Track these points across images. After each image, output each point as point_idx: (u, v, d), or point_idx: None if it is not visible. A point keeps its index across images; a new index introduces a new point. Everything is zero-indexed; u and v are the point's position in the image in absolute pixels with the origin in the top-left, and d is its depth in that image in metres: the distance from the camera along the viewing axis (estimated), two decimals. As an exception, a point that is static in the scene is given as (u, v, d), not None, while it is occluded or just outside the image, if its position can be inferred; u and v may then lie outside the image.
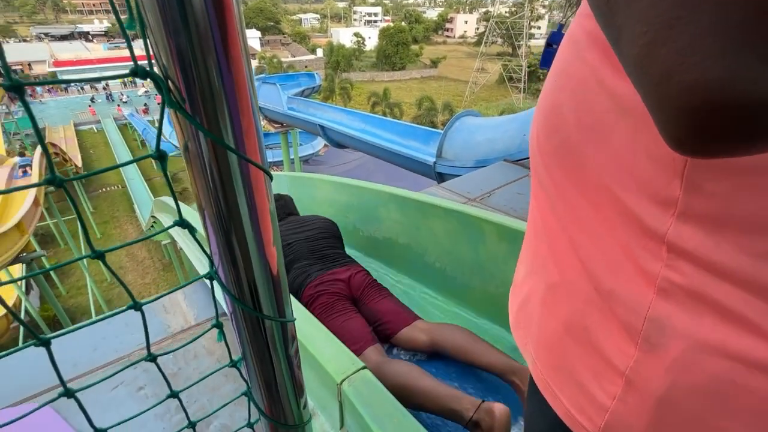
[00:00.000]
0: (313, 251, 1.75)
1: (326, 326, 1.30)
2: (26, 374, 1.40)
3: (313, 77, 13.56)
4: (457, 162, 3.78)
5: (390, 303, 1.58)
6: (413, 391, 1.14)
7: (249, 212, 0.34)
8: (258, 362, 0.44)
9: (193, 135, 0.31)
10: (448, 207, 1.75)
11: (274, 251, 0.38)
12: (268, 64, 32.30)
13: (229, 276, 0.38)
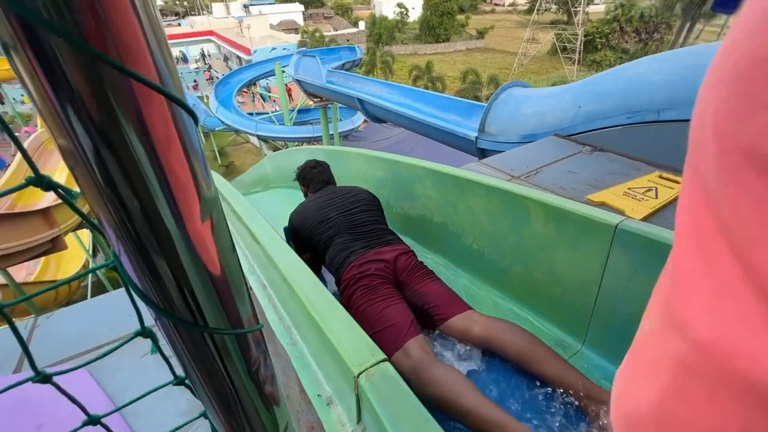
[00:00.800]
0: (354, 225, 1.61)
1: (367, 312, 1.32)
2: (68, 336, 1.46)
3: (354, 51, 13.30)
4: (500, 137, 3.51)
5: (440, 287, 1.44)
6: (453, 407, 1.01)
7: (158, 172, 0.23)
8: (207, 383, 0.34)
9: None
10: (488, 184, 1.59)
11: (213, 236, 0.27)
12: (311, 39, 32.16)
13: (141, 271, 0.26)
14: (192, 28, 42.16)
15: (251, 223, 1.53)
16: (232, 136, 22.02)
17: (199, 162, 0.24)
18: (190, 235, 0.25)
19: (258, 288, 1.44)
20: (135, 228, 0.24)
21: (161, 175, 0.23)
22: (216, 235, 0.27)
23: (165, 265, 0.26)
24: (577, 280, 1.32)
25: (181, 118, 0.23)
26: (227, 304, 0.30)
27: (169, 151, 0.22)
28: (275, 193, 4.72)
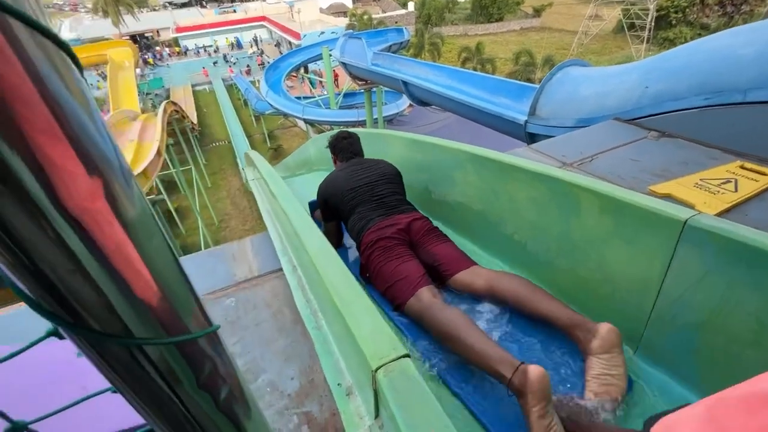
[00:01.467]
0: (376, 196, 1.76)
1: (383, 270, 1.48)
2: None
3: (401, 32, 13.01)
4: (553, 120, 3.25)
5: (449, 247, 1.59)
6: (458, 342, 1.14)
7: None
8: (143, 400, 0.28)
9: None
10: (535, 170, 1.45)
11: (116, 212, 0.20)
12: (359, 21, 31.96)
13: (12, 265, 0.19)
14: (246, 14, 43.54)
15: (285, 204, 1.52)
16: (281, 119, 22.67)
17: (83, 117, 0.18)
18: (74, 215, 0.19)
19: (289, 269, 1.44)
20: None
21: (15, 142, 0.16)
22: (121, 212, 0.21)
23: (48, 261, 0.20)
24: (633, 280, 1.18)
25: (44, 54, 0.17)
26: (156, 306, 0.24)
27: (21, 101, 0.16)
28: (318, 176, 4.77)
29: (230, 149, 21.34)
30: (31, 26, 0.15)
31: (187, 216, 16.16)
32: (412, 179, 2.40)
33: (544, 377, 0.93)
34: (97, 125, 0.19)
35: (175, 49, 39.56)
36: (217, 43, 40.02)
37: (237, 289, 1.57)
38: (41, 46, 0.16)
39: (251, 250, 1.83)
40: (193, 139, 19.19)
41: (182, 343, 0.27)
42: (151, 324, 0.24)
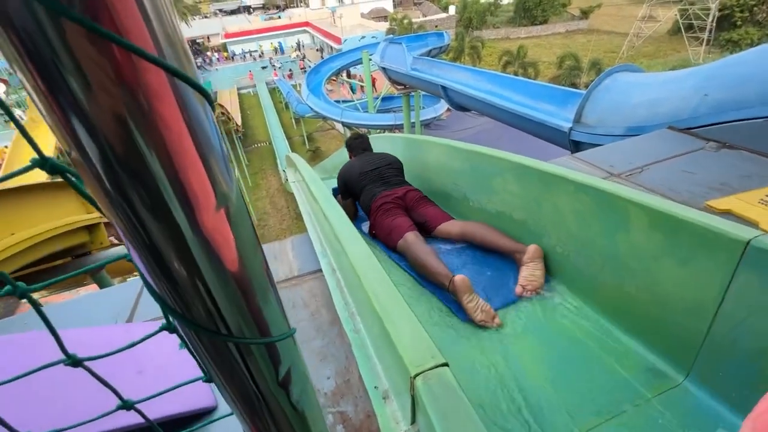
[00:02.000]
0: (381, 177, 2.28)
1: (383, 224, 1.99)
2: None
3: (441, 36, 12.96)
4: (599, 128, 3.12)
5: (434, 209, 2.10)
6: (422, 267, 1.66)
7: (166, 166, 0.20)
8: (231, 388, 0.32)
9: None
10: (580, 181, 1.41)
11: (233, 234, 0.24)
12: (399, 26, 32.16)
13: (153, 271, 0.24)
14: (290, 20, 45.10)
15: (327, 209, 1.57)
16: (320, 122, 23.24)
17: (214, 153, 0.21)
18: (204, 234, 0.23)
19: (328, 271, 1.49)
20: (143, 226, 0.22)
21: (169, 170, 0.20)
22: (236, 233, 0.24)
23: (178, 265, 0.24)
24: (686, 301, 1.12)
25: (191, 101, 0.20)
26: (252, 309, 0.28)
27: (179, 142, 0.20)
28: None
29: (271, 150, 22.15)
30: (184, 80, 0.19)
31: (228, 213, 16.93)
32: (449, 186, 2.39)
33: (464, 280, 1.47)
34: (224, 159, 0.23)
35: (224, 54, 41.62)
36: (262, 48, 41.70)
37: (277, 287, 1.64)
38: (188, 93, 0.20)
39: (292, 250, 1.90)
40: (236, 140, 20.10)
41: (270, 344, 0.30)
42: (249, 327, 0.27)
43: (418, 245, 1.74)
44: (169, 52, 0.19)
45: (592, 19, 42.35)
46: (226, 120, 18.09)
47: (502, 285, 1.63)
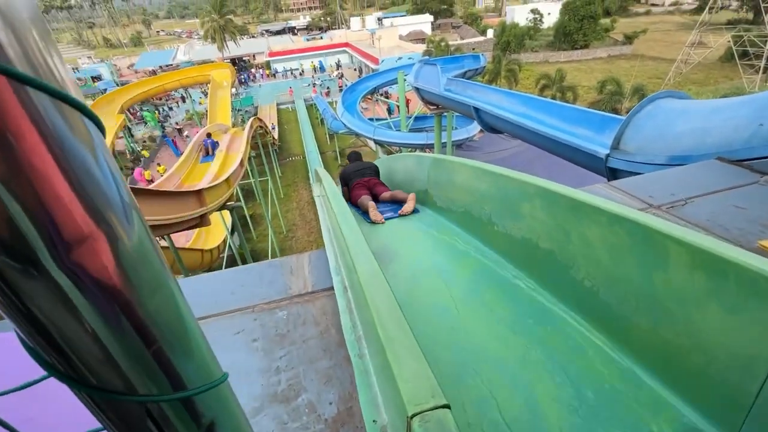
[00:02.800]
0: (360, 174, 3.79)
1: (353, 194, 3.53)
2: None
3: (477, 59, 12.99)
4: (639, 156, 2.95)
5: (382, 188, 3.57)
6: (362, 206, 3.12)
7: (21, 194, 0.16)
8: None
9: None
10: (612, 211, 1.31)
11: (128, 275, 0.20)
12: (436, 48, 32.64)
13: (25, 327, 0.19)
14: (331, 41, 46.95)
15: (343, 224, 1.54)
16: (353, 138, 23.68)
17: (96, 184, 0.18)
18: (80, 274, 0.19)
19: (339, 290, 1.45)
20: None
21: (29, 203, 0.16)
22: (132, 273, 0.20)
23: (49, 312, 0.19)
24: (735, 355, 0.98)
25: (61, 125, 0.17)
26: (161, 360, 0.23)
27: (43, 175, 0.16)
28: (380, 196, 4.87)
29: (304, 164, 22.74)
30: (54, 95, 0.16)
31: (259, 223, 17.41)
32: (474, 208, 2.32)
33: (374, 206, 2.99)
34: (118, 191, 0.19)
35: (267, 71, 43.73)
36: (302, 66, 43.50)
37: (290, 302, 1.62)
38: (70, 117, 0.17)
39: (308, 264, 1.89)
40: (272, 153, 20.82)
41: (186, 398, 0.26)
42: (156, 381, 0.23)
43: (364, 199, 3.17)
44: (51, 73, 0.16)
45: (636, 44, 41.25)
46: (264, 133, 18.80)
47: (394, 211, 3.03)
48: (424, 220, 2.89)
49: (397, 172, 4.25)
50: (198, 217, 5.75)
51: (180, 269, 8.01)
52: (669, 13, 62.79)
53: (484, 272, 1.92)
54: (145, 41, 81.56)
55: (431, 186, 3.07)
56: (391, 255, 2.37)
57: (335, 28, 60.21)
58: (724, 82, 30.31)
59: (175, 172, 9.88)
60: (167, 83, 24.94)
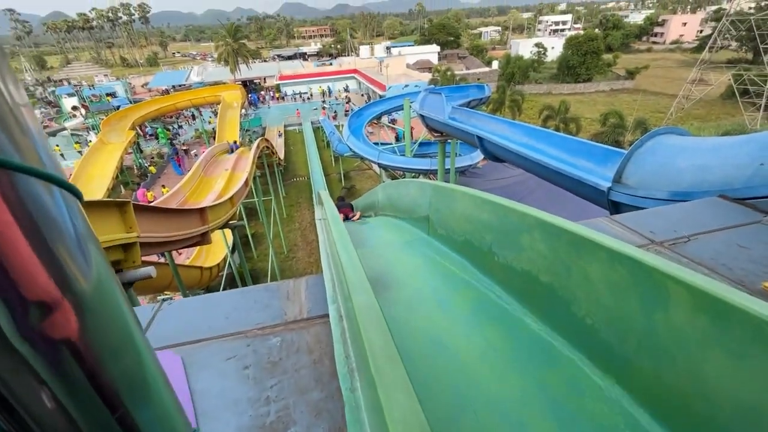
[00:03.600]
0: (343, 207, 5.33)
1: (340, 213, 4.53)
2: (178, 325, 1.66)
3: (482, 89, 13.28)
4: (641, 191, 2.96)
5: (353, 213, 5.35)
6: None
7: None
8: None
9: None
10: (613, 248, 1.30)
11: (87, 339, 0.18)
12: (441, 77, 33.52)
13: None
14: (340, 67, 48.40)
15: (342, 251, 1.54)
16: (358, 162, 23.98)
17: (70, 251, 0.18)
18: (50, 345, 0.18)
19: (335, 318, 1.42)
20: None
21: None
22: (92, 328, 0.20)
23: (18, 389, 0.18)
24: (741, 404, 0.95)
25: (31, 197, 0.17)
26: (123, 420, 0.22)
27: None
28: (382, 221, 4.86)
29: (308, 185, 22.95)
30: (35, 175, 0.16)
31: (261, 242, 17.40)
32: (475, 237, 2.31)
33: (356, 213, 5.50)
34: (75, 244, 0.19)
35: (277, 94, 44.85)
36: (311, 90, 44.64)
37: (285, 328, 1.59)
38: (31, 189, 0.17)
39: (305, 290, 1.86)
40: (277, 173, 21.06)
41: None
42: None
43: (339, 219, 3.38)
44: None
45: (638, 79, 42.24)
46: (270, 154, 19.10)
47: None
48: (425, 246, 2.88)
49: (400, 197, 4.27)
50: (199, 235, 5.75)
51: (178, 286, 7.95)
52: (670, 51, 64.59)
53: (483, 304, 1.89)
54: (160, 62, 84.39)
55: (432, 213, 3.08)
56: (390, 281, 2.35)
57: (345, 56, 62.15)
58: (725, 118, 30.76)
59: (180, 189, 9.97)
60: (179, 102, 25.64)
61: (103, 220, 3.19)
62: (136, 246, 3.56)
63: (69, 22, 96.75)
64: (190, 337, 1.57)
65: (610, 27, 61.86)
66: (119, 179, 20.15)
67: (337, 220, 2.04)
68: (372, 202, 5.81)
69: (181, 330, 1.60)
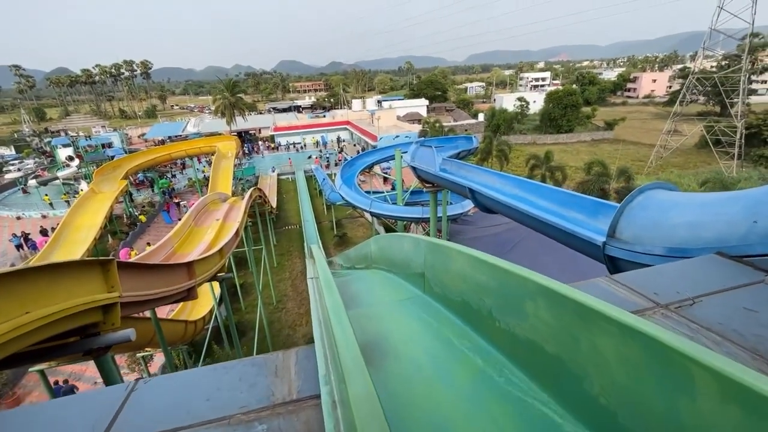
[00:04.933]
0: None
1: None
2: (162, 406, 1.49)
3: (470, 140, 13.80)
4: (638, 246, 2.94)
5: None
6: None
7: None
8: None
9: None
10: (624, 322, 1.23)
11: None
12: (431, 128, 34.97)
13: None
14: (333, 119, 50.39)
15: (336, 323, 1.44)
16: (350, 210, 24.14)
17: None
18: None
19: (327, 404, 1.29)
20: None
21: None
22: None
23: None
24: None
25: None
26: None
27: None
28: (375, 275, 4.75)
29: (300, 233, 22.86)
30: None
31: (249, 293, 16.89)
32: (473, 299, 2.22)
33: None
34: None
35: (271, 144, 46.04)
36: (305, 140, 46.02)
37: (272, 413, 1.43)
38: None
39: (295, 364, 1.72)
40: (269, 221, 20.99)
41: None
42: None
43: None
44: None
45: (617, 130, 44.58)
46: (263, 203, 19.17)
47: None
48: (421, 306, 2.77)
49: (393, 251, 4.20)
50: (186, 291, 5.53)
51: (159, 343, 7.52)
52: (644, 104, 69.02)
53: (487, 376, 1.77)
54: (158, 113, 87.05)
55: (428, 270, 3.00)
56: (386, 348, 2.21)
57: (338, 108, 64.94)
58: (702, 166, 32.19)
59: (169, 240, 9.78)
60: (174, 152, 26.03)
61: (84, 281, 3.03)
62: (116, 307, 3.37)
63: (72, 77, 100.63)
64: (166, 425, 1.41)
65: (587, 83, 66.39)
66: (108, 228, 19.83)
67: (331, 285, 1.95)
68: (365, 254, 5.72)
69: (158, 417, 1.44)
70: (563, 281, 1.64)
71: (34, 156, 43.75)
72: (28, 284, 2.52)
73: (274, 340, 13.85)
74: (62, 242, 15.46)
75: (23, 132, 57.19)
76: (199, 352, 11.80)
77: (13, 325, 2.36)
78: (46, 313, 2.64)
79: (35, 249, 18.55)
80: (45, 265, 2.57)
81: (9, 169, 37.14)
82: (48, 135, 47.41)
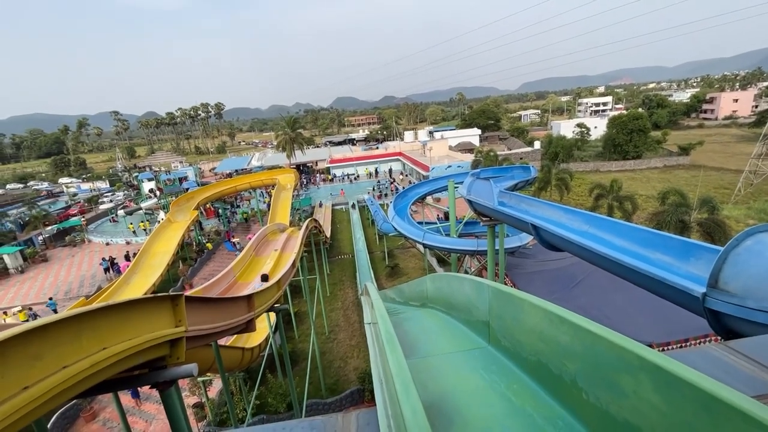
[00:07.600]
0: None
1: None
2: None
3: (527, 170, 13.22)
4: (751, 301, 2.46)
5: None
6: None
7: None
8: None
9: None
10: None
11: None
12: (485, 158, 34.39)
13: None
14: (386, 150, 51.72)
15: (401, 386, 1.29)
16: (401, 240, 24.04)
17: None
18: None
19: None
20: None
21: None
22: None
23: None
24: None
25: None
26: None
27: None
28: (429, 314, 4.52)
29: (352, 263, 23.09)
30: None
31: (303, 321, 17.14)
32: (552, 361, 1.95)
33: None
34: None
35: (327, 176, 48.13)
36: (358, 171, 47.55)
37: (331, 493, 1.30)
38: None
39: (355, 429, 1.59)
40: (323, 251, 21.51)
41: None
42: None
43: None
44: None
45: (694, 155, 40.62)
46: (318, 233, 19.75)
47: None
48: (488, 362, 2.52)
49: (452, 292, 3.97)
50: (245, 323, 5.67)
51: (218, 369, 7.75)
52: (725, 126, 62.66)
53: None
54: (228, 149, 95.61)
55: (493, 319, 2.75)
56: (451, 412, 2.00)
57: (390, 140, 66.68)
58: (806, 195, 27.98)
59: (231, 269, 10.30)
60: (239, 185, 28.14)
61: (155, 316, 3.19)
62: (182, 341, 3.49)
63: (158, 120, 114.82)
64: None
65: (654, 106, 62.01)
66: (179, 254, 21.54)
67: (393, 341, 1.81)
68: (420, 291, 5.51)
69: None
70: (646, 329, 1.36)
71: (123, 189, 49.71)
72: (107, 320, 2.68)
73: (326, 372, 13.76)
74: (140, 267, 16.99)
75: (117, 168, 65.56)
76: (254, 379, 12.02)
77: (91, 362, 2.48)
78: (121, 348, 2.77)
79: (119, 272, 20.59)
80: (122, 303, 2.73)
81: (103, 201, 42.48)
82: (136, 170, 53.90)
